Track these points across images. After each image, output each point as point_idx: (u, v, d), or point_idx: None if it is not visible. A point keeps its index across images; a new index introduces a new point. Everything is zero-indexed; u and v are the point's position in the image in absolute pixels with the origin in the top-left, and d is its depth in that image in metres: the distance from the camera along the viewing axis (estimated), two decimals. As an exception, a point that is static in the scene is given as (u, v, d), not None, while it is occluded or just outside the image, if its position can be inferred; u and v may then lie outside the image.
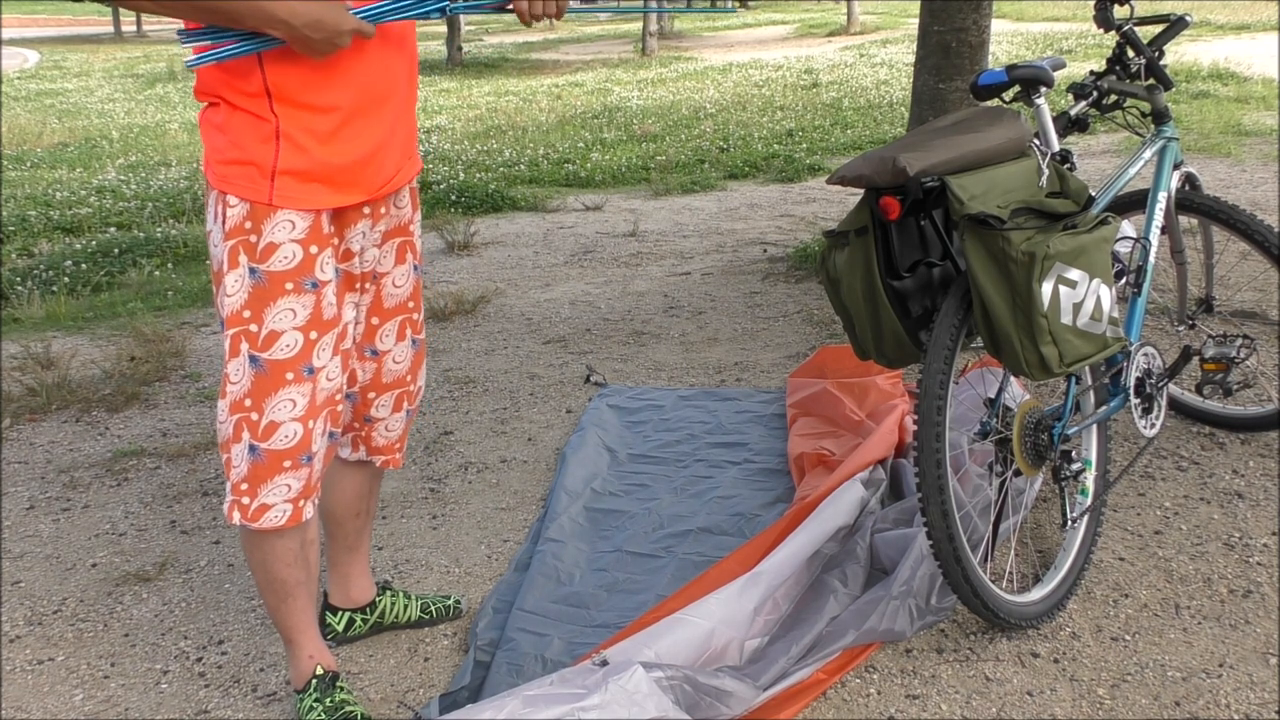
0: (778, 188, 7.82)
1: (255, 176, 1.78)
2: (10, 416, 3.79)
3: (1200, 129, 8.52)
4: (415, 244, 2.10)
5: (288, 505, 1.91)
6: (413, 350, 2.15)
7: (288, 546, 1.97)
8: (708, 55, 21.15)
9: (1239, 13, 19.88)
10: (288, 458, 1.88)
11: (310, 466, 1.91)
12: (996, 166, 2.22)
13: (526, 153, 9.66)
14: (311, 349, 1.86)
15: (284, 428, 1.86)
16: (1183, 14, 2.97)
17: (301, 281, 1.83)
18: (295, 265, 1.82)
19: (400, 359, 2.13)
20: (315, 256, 1.84)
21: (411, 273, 2.10)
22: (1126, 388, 2.57)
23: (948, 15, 4.76)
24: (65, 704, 2.24)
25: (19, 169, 10.25)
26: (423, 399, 2.25)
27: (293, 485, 1.90)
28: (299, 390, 1.86)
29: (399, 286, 2.08)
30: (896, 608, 2.25)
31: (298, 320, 1.84)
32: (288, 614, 2.04)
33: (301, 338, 1.85)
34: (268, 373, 1.84)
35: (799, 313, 4.60)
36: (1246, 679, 2.12)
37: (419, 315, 2.15)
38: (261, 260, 1.81)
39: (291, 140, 1.78)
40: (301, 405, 1.87)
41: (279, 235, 1.80)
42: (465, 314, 4.87)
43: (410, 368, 2.16)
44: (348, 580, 2.35)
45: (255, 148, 1.78)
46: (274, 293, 1.82)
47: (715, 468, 3.13)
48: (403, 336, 2.12)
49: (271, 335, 1.83)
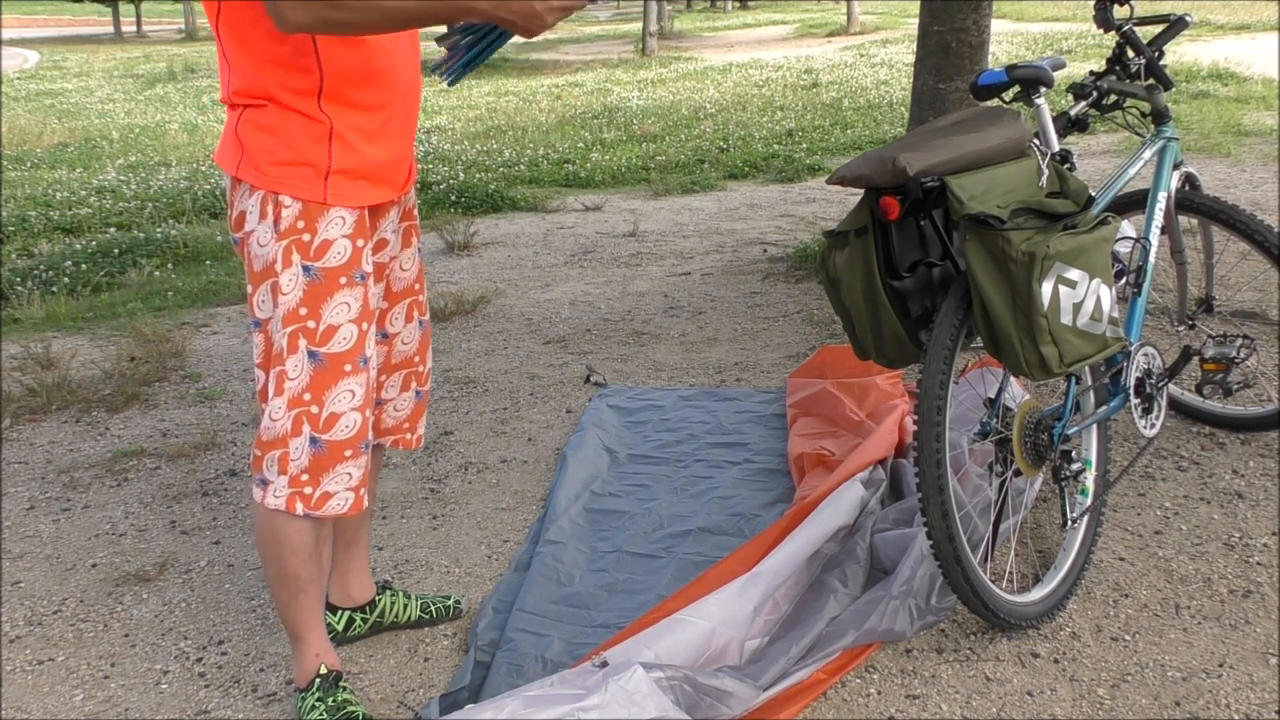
0: (778, 188, 7.82)
1: (310, 176, 1.84)
2: (10, 416, 3.79)
3: (1200, 129, 8.52)
4: (418, 228, 2.17)
5: (349, 493, 1.97)
6: (419, 331, 2.20)
7: (305, 541, 1.99)
8: (708, 55, 21.16)
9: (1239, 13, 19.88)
10: (348, 447, 1.93)
11: (367, 454, 1.98)
12: (996, 166, 2.22)
13: (526, 153, 9.66)
14: (364, 340, 1.93)
15: (345, 418, 1.92)
16: (1183, 14, 2.97)
17: (353, 275, 1.89)
18: (347, 260, 1.88)
19: (408, 340, 2.18)
20: (361, 250, 1.91)
21: (416, 255, 2.16)
22: (1126, 388, 2.57)
23: (948, 15, 4.76)
24: (65, 704, 2.24)
25: (19, 169, 10.26)
26: (432, 382, 2.28)
27: (354, 474, 1.96)
28: (356, 381, 1.92)
29: (406, 270, 2.13)
30: (896, 608, 2.25)
31: (352, 313, 1.90)
32: (298, 610, 2.06)
33: (356, 330, 1.91)
34: (327, 366, 1.89)
35: (799, 313, 4.60)
36: (1246, 679, 2.12)
37: (424, 296, 2.20)
38: (316, 258, 1.86)
39: (343, 140, 1.84)
40: (360, 395, 1.93)
41: (332, 232, 1.86)
42: (465, 314, 4.87)
43: (418, 349, 2.20)
44: (347, 578, 2.35)
45: (309, 148, 1.82)
46: (330, 288, 1.87)
47: (715, 468, 3.14)
48: (410, 318, 2.17)
49: (330, 330, 1.89)
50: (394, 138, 1.93)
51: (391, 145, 1.92)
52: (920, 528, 2.39)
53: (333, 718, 2.03)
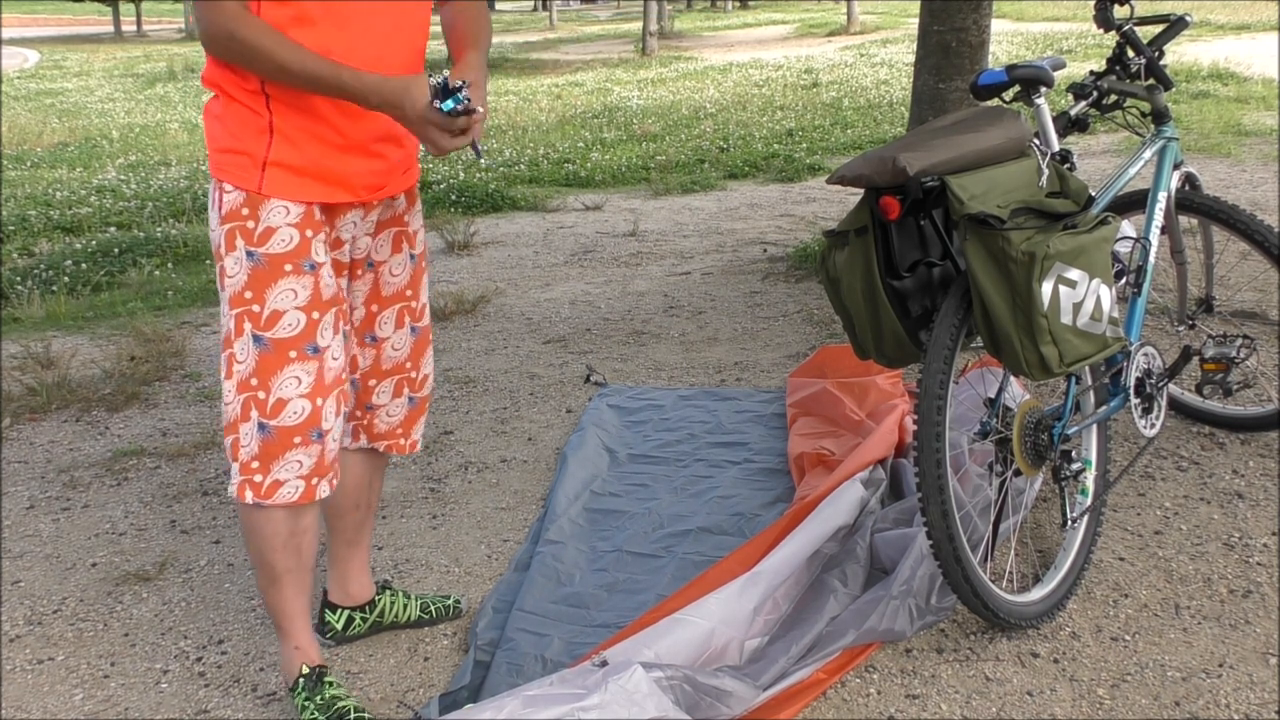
0: (778, 187, 7.82)
1: (248, 165, 1.86)
2: (10, 416, 3.79)
3: (1200, 129, 8.52)
4: (412, 235, 2.14)
5: (300, 482, 1.95)
6: (412, 337, 2.19)
7: (277, 530, 1.99)
8: (708, 55, 21.15)
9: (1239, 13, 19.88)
10: (297, 434, 1.92)
11: (321, 444, 1.95)
12: (996, 166, 2.22)
13: (526, 152, 9.66)
14: (315, 328, 1.92)
15: (292, 404, 1.91)
16: (1183, 14, 2.97)
17: (300, 263, 1.89)
18: (293, 248, 1.88)
19: (399, 346, 2.17)
20: (310, 240, 1.90)
21: (409, 262, 2.14)
22: (1126, 388, 2.57)
23: (948, 15, 4.76)
24: (65, 703, 2.24)
25: (19, 168, 10.26)
26: (434, 388, 2.27)
27: (304, 462, 1.94)
28: (303, 368, 1.91)
29: (396, 275, 2.13)
30: (896, 608, 2.25)
31: (299, 300, 1.89)
32: (275, 599, 2.07)
33: (304, 317, 1.90)
34: (272, 351, 1.89)
35: (799, 313, 4.60)
36: (1246, 679, 2.12)
37: (419, 303, 2.19)
38: (260, 244, 1.87)
39: (285, 136, 1.85)
40: (307, 383, 1.91)
41: (275, 219, 1.87)
42: (465, 314, 4.87)
43: (410, 355, 2.19)
44: (347, 577, 2.35)
45: (249, 139, 1.85)
46: (274, 274, 1.88)
47: (715, 468, 3.14)
48: (401, 324, 2.16)
49: (274, 315, 1.89)
50: (363, 150, 1.90)
51: (359, 157, 1.90)
52: (920, 528, 2.38)
53: (325, 716, 2.03)
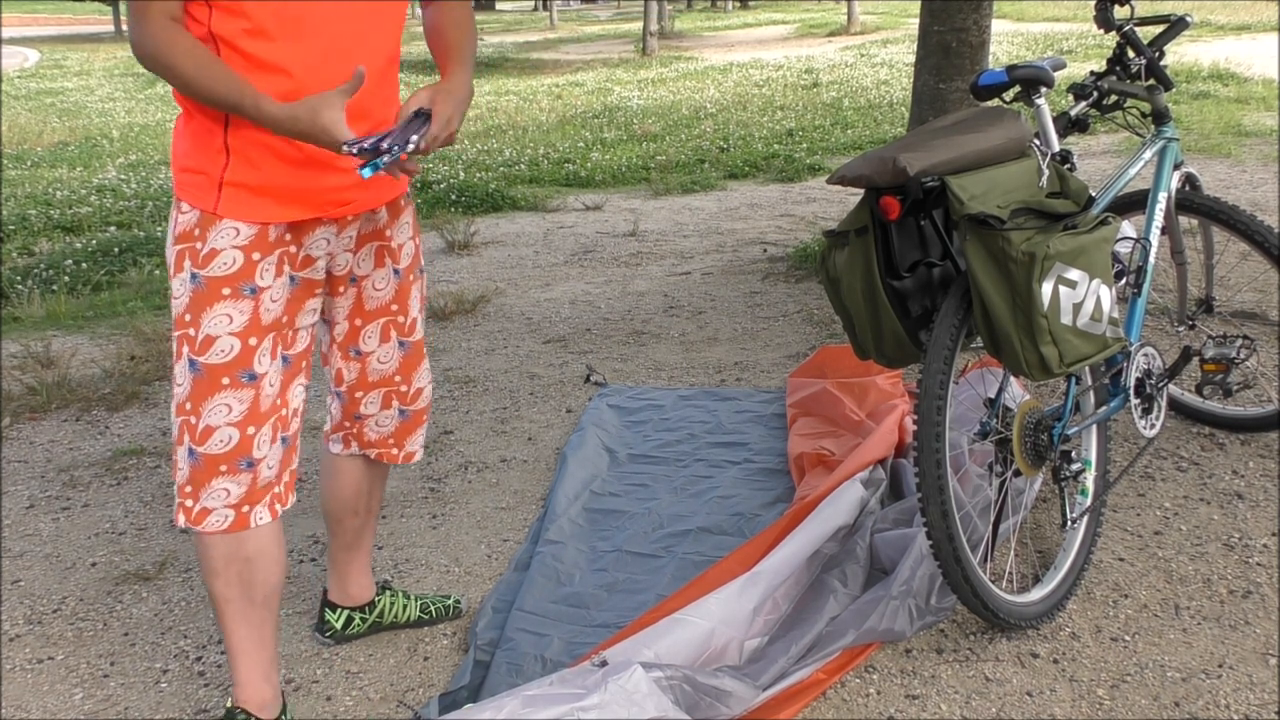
0: (778, 187, 7.82)
1: (205, 185, 1.80)
2: (10, 415, 3.79)
3: (1200, 129, 8.52)
4: (395, 249, 2.06)
5: (229, 510, 1.88)
6: (400, 352, 2.13)
7: (215, 556, 1.92)
8: (708, 55, 21.16)
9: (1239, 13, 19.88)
10: (223, 462, 1.85)
11: (252, 472, 1.88)
12: (997, 167, 2.22)
13: (527, 152, 9.66)
14: (251, 354, 1.84)
15: (219, 432, 1.84)
16: (1183, 14, 2.97)
17: (239, 287, 1.82)
18: (234, 271, 1.82)
19: (385, 360, 2.12)
20: (257, 263, 1.83)
21: (392, 277, 2.07)
22: (1126, 388, 2.57)
23: (948, 15, 4.76)
24: (65, 703, 2.24)
25: (19, 168, 10.26)
26: (430, 402, 2.24)
27: (232, 490, 1.87)
28: (235, 395, 1.84)
29: (379, 290, 2.07)
30: (896, 608, 2.25)
31: (234, 326, 1.83)
32: (221, 627, 1.99)
33: (238, 343, 1.83)
34: (205, 376, 1.83)
35: (799, 313, 4.60)
36: (1246, 679, 2.12)
37: (406, 318, 2.12)
38: (202, 266, 1.81)
39: (243, 155, 1.78)
40: (239, 410, 1.84)
41: (222, 242, 1.81)
42: (465, 313, 4.87)
43: (398, 369, 2.14)
44: (346, 579, 2.35)
45: (206, 157, 1.79)
46: (211, 298, 1.82)
47: (715, 468, 3.14)
48: (387, 338, 2.10)
49: (207, 340, 1.82)
50: (325, 165, 1.82)
51: (320, 172, 1.82)
52: (920, 528, 2.39)
53: None
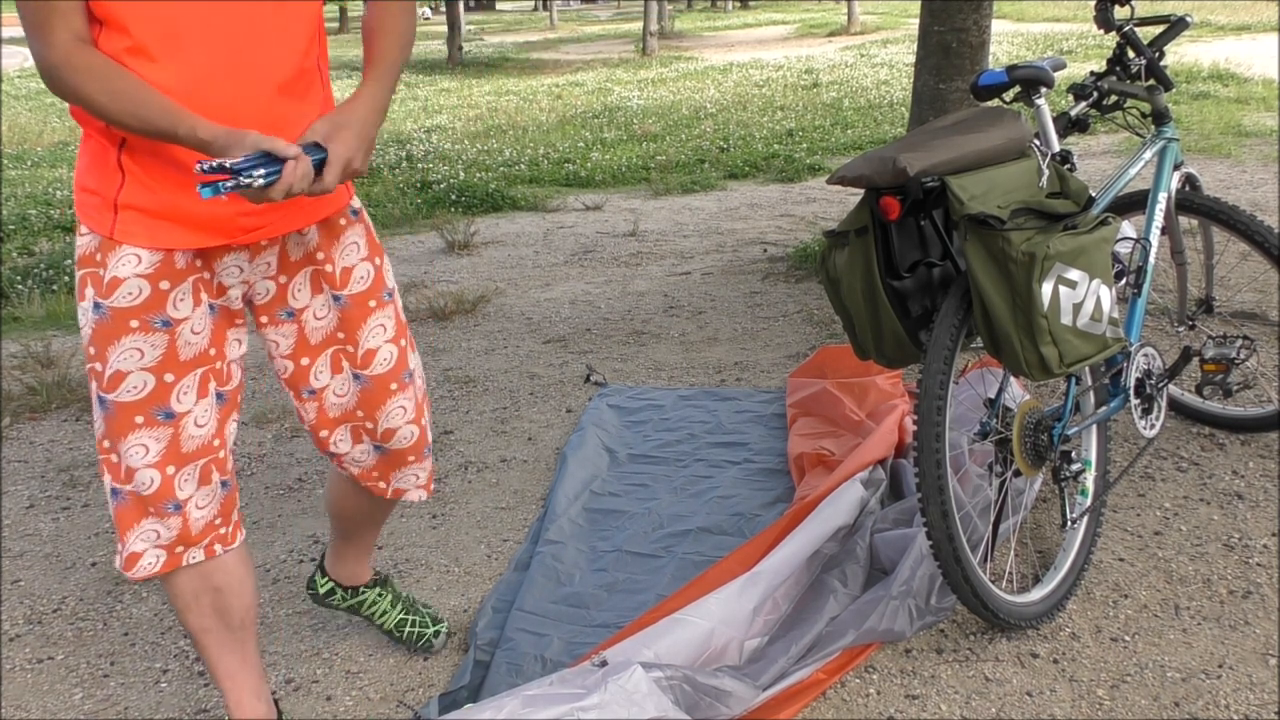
0: (778, 188, 7.82)
1: (100, 207, 1.66)
2: (10, 415, 3.79)
3: (1200, 130, 8.52)
4: (334, 273, 1.84)
5: (160, 551, 1.77)
6: (357, 385, 1.90)
7: (182, 593, 1.83)
8: (708, 55, 21.15)
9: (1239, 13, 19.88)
10: (149, 504, 1.73)
11: (181, 514, 1.75)
12: (997, 167, 2.22)
13: (527, 152, 9.66)
14: (168, 392, 1.70)
15: (140, 474, 1.71)
16: (1183, 15, 2.97)
17: (149, 319, 1.68)
18: (141, 302, 1.67)
19: (342, 393, 1.91)
20: (167, 293, 1.68)
21: (333, 304, 1.86)
22: (1126, 388, 2.57)
23: (948, 15, 4.76)
24: (65, 702, 2.24)
25: (19, 168, 10.25)
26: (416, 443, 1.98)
27: (161, 533, 1.76)
28: (151, 435, 1.70)
29: (320, 319, 1.86)
30: (896, 608, 2.25)
31: (145, 361, 1.68)
32: (203, 656, 1.92)
33: (152, 379, 1.69)
34: (115, 415, 1.69)
35: (799, 313, 4.60)
36: (1246, 680, 2.12)
37: (358, 348, 1.88)
38: (106, 295, 1.67)
39: (135, 176, 1.64)
40: (155, 451, 1.71)
41: (123, 270, 1.66)
42: (465, 313, 4.87)
43: (359, 403, 1.91)
44: (340, 560, 2.29)
45: (101, 178, 1.65)
46: (118, 330, 1.67)
47: (715, 468, 3.14)
48: (338, 369, 1.89)
49: (116, 376, 1.68)
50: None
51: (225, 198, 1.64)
52: (920, 528, 2.39)
53: None
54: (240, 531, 1.88)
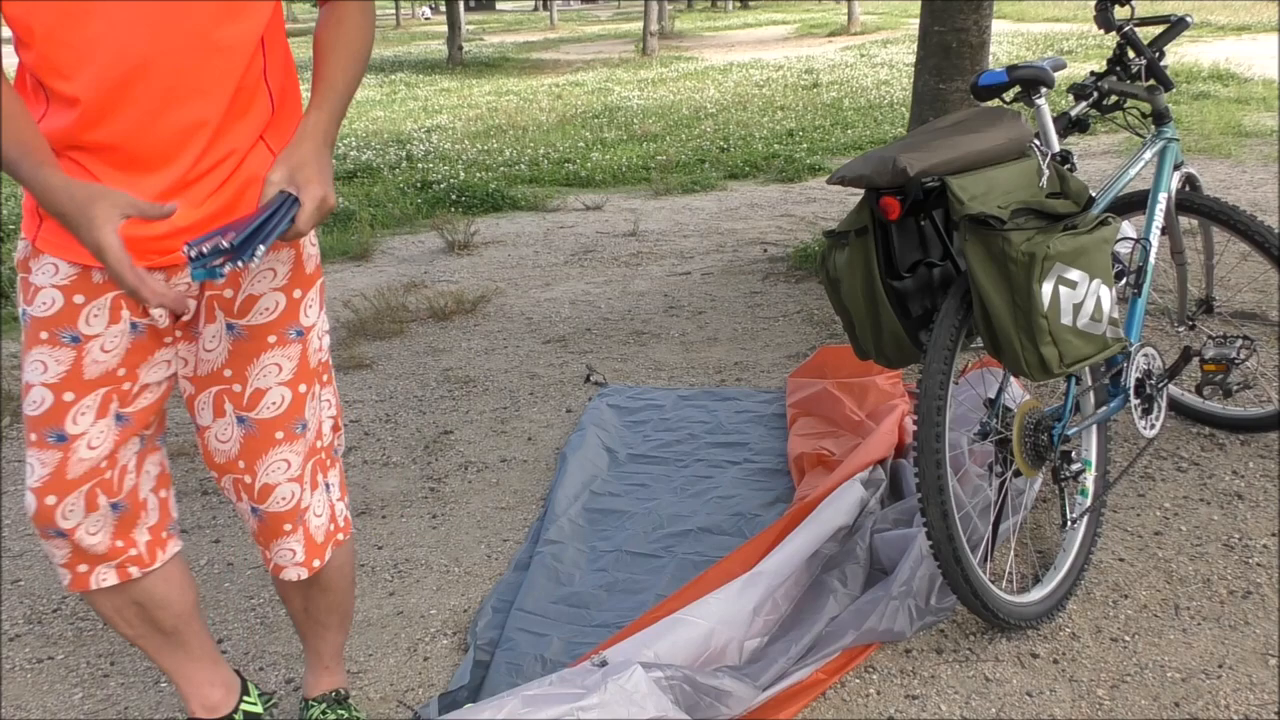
0: (778, 188, 7.82)
1: (31, 213, 1.62)
2: (10, 415, 3.79)
3: (1200, 130, 8.52)
4: (232, 300, 1.69)
5: (64, 570, 1.72)
6: (241, 430, 1.72)
7: (100, 607, 1.79)
8: (708, 55, 21.15)
9: (1239, 14, 19.88)
10: (39, 525, 1.67)
11: (68, 540, 1.67)
12: (997, 167, 2.22)
13: (527, 152, 9.66)
14: (65, 412, 1.61)
15: (27, 494, 1.65)
16: (1183, 15, 2.97)
17: (58, 333, 1.61)
18: (53, 313, 1.61)
19: (224, 438, 1.74)
20: (80, 307, 1.61)
21: (224, 334, 1.70)
22: (1126, 388, 2.57)
23: (948, 16, 4.76)
24: (64, 702, 2.24)
25: (19, 167, 10.24)
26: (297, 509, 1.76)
27: (56, 554, 1.70)
28: (39, 457, 1.63)
29: (210, 350, 1.71)
30: (896, 608, 2.25)
31: (48, 376, 1.61)
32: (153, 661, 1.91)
33: (51, 397, 1.61)
34: (26, 428, 1.63)
35: (799, 313, 4.60)
36: (1246, 680, 2.12)
37: (245, 389, 1.71)
38: (29, 303, 1.63)
39: None
40: (40, 475, 1.63)
41: (42, 278, 1.61)
42: (465, 313, 4.87)
43: (241, 453, 1.73)
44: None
45: None
46: (31, 340, 1.62)
47: (715, 468, 3.14)
48: (221, 412, 1.72)
49: (25, 386, 1.63)
50: None
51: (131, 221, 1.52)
52: (920, 528, 2.39)
53: None
54: (163, 550, 1.80)
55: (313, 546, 1.81)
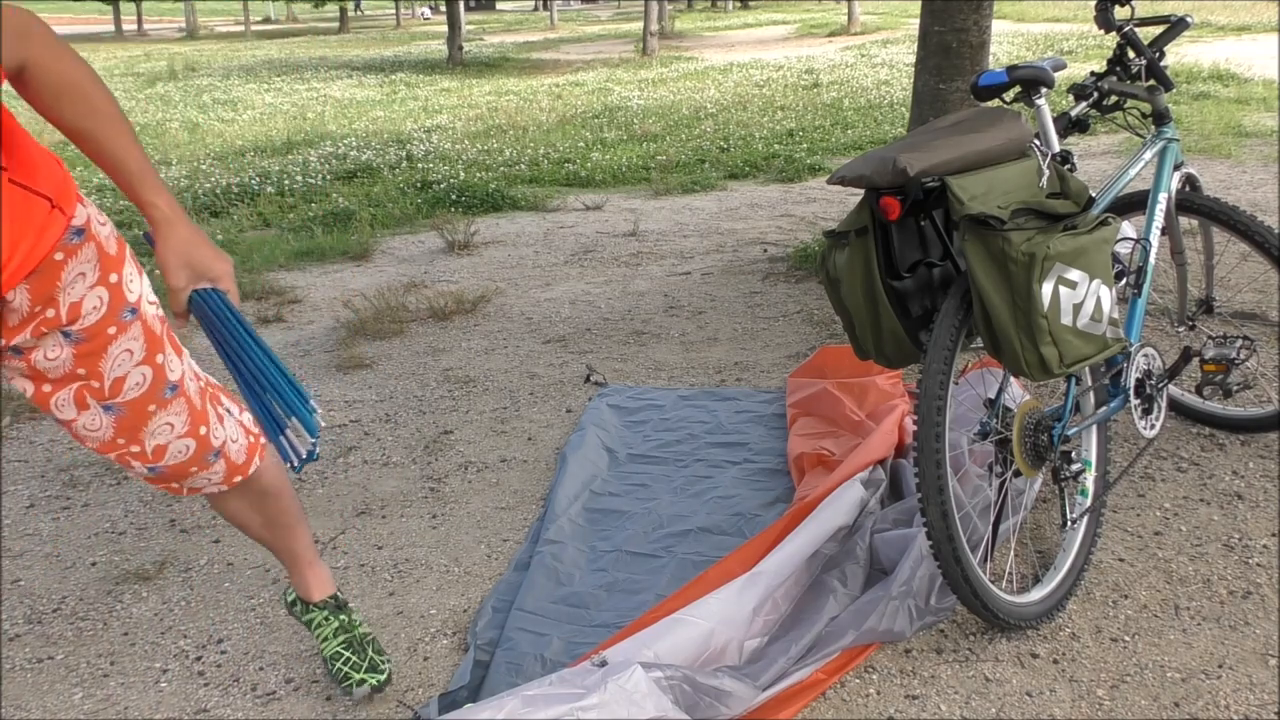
0: (778, 188, 7.82)
1: None
2: (10, 415, 3.79)
3: (1200, 130, 8.52)
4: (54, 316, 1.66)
5: None
6: (111, 416, 1.76)
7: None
8: (708, 55, 21.15)
9: (1240, 14, 19.89)
10: None
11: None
12: (997, 167, 2.22)
13: (527, 152, 9.65)
14: None
15: None
16: (1183, 15, 2.97)
17: None
18: None
19: (94, 427, 1.77)
20: None
21: (64, 341, 1.69)
22: (1126, 388, 2.58)
23: (948, 16, 4.76)
24: (64, 702, 2.24)
25: (19, 167, 10.23)
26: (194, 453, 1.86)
27: None
28: None
29: (53, 359, 1.70)
30: (896, 608, 2.25)
31: None
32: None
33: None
34: None
35: (799, 313, 4.60)
36: (1246, 680, 2.12)
37: (104, 382, 1.73)
38: None
39: None
40: None
41: None
42: (465, 313, 4.87)
43: (118, 430, 1.78)
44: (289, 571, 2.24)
45: None
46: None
47: (715, 468, 3.14)
48: (84, 405, 1.74)
49: None
50: None
51: None
52: (920, 528, 2.39)
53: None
54: None
55: (233, 467, 1.93)
